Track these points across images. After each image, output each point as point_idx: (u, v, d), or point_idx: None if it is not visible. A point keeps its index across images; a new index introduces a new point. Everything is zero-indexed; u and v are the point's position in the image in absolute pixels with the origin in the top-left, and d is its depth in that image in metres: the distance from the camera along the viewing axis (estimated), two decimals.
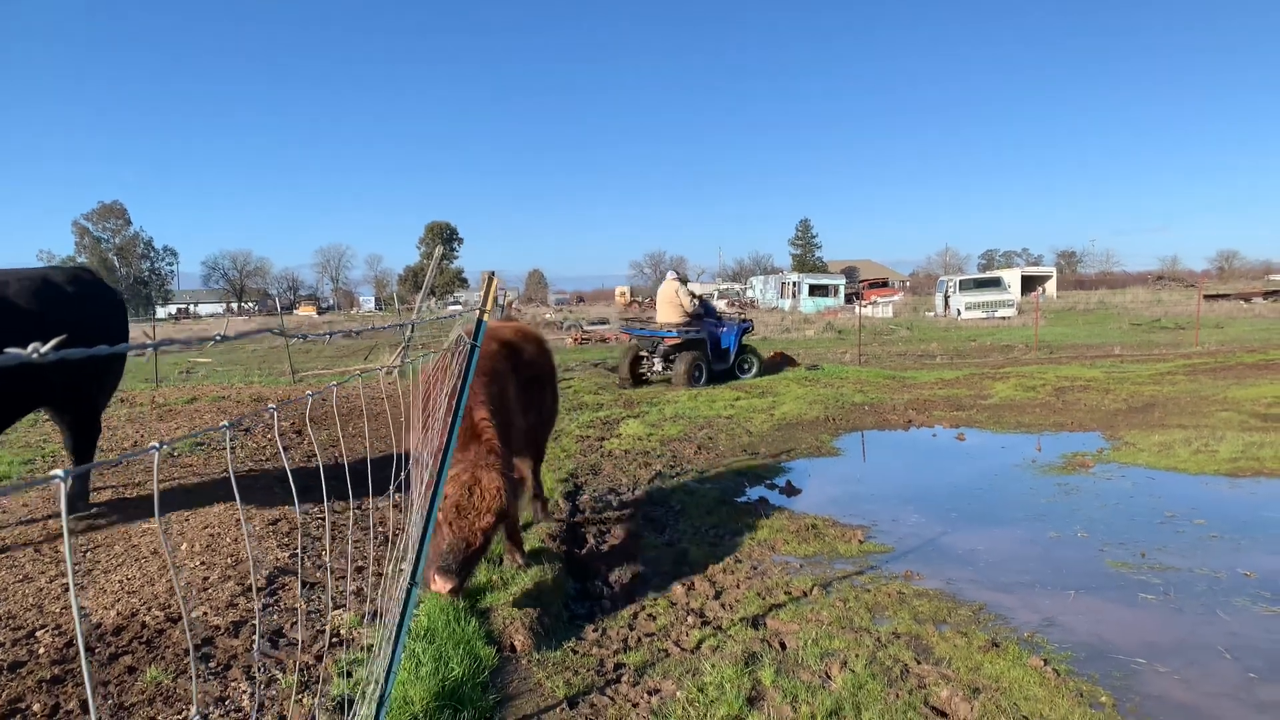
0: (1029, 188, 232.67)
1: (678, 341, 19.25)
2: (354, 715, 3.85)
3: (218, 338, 1.71)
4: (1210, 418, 12.57)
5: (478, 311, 3.95)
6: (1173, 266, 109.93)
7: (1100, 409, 14.12)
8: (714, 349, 19.60)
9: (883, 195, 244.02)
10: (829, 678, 4.57)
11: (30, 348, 1.07)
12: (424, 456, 4.40)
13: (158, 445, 1.37)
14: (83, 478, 8.25)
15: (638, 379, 19.83)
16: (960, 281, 53.05)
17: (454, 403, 3.96)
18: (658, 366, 19.54)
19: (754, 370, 20.17)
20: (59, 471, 1.03)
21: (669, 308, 19.34)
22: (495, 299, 5.58)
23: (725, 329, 20.04)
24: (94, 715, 1.44)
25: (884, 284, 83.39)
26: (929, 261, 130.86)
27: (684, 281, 19.94)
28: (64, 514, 1.08)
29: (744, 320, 21.11)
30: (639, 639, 5.18)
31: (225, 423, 1.69)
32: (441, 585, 4.63)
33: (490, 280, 4.06)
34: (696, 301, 19.53)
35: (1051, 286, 65.11)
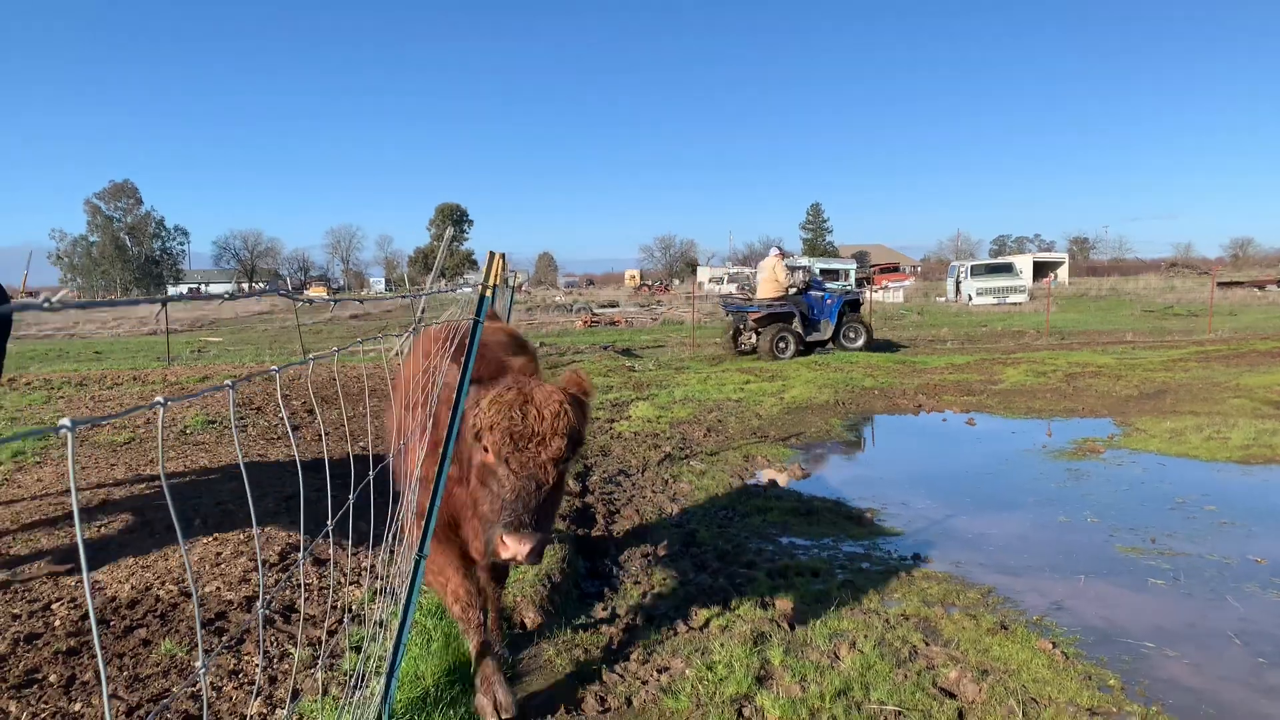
0: (1042, 174, 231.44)
1: (761, 315, 20.08)
2: (365, 689, 3.89)
3: (225, 295, 1.75)
4: (1222, 404, 12.51)
5: (479, 288, 3.95)
6: (1186, 253, 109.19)
7: (1112, 395, 14.07)
8: (806, 321, 19.99)
9: (895, 180, 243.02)
10: (837, 658, 4.59)
11: None
12: (416, 430, 3.85)
13: (162, 400, 1.38)
14: None
15: (739, 350, 21.12)
16: (972, 267, 52.78)
17: (464, 359, 3.64)
18: (754, 339, 20.51)
19: (860, 341, 20.45)
20: (66, 421, 1.04)
21: (767, 283, 20.18)
22: (503, 279, 5.58)
23: (827, 301, 20.35)
24: (106, 691, 1.46)
25: (895, 269, 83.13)
26: (940, 246, 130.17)
27: (784, 257, 20.47)
28: (70, 464, 1.09)
29: (848, 292, 21.45)
30: (648, 618, 5.20)
31: (229, 380, 1.70)
32: (516, 547, 3.16)
33: (493, 259, 4.05)
34: (795, 275, 20.18)
35: (1064, 273, 64.77)
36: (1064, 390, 14.74)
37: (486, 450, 3.34)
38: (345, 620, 4.86)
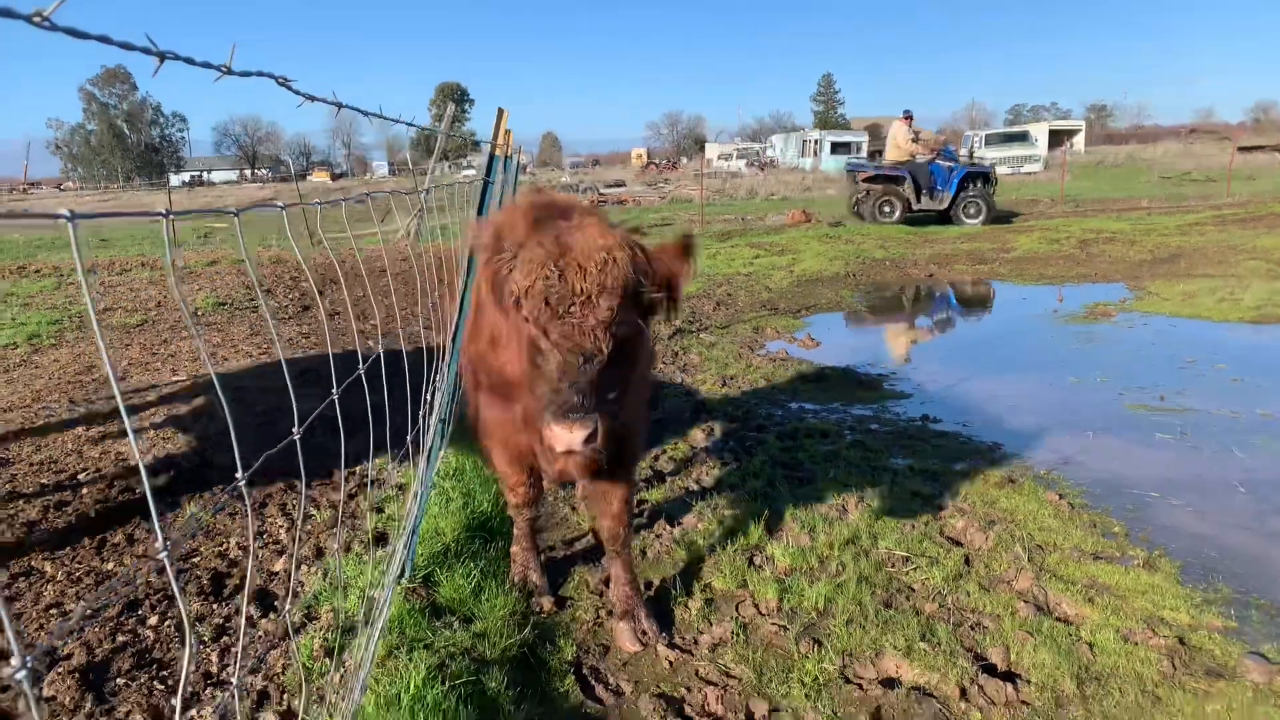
0: (1060, 40, 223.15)
1: (869, 175, 20.20)
2: (387, 546, 4.01)
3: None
4: (1237, 267, 12.38)
5: (488, 146, 3.88)
6: (1207, 119, 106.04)
7: (1125, 260, 13.93)
8: (919, 188, 19.75)
9: (909, 49, 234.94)
10: (846, 510, 4.68)
11: None
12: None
13: (164, 212, 1.35)
14: None
15: (856, 214, 21.15)
16: (986, 136, 51.53)
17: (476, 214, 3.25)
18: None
19: (981, 217, 19.89)
20: (65, 211, 1.02)
21: (892, 147, 19.99)
22: (509, 151, 5.46)
23: (950, 171, 19.90)
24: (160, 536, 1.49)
25: None
26: (954, 117, 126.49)
27: (909, 121, 20.06)
28: (76, 255, 1.07)
29: (974, 164, 20.70)
30: (661, 478, 5.30)
31: (233, 207, 1.67)
32: (565, 437, 2.49)
33: (501, 115, 3.96)
34: (917, 140, 19.84)
35: (1080, 141, 63.15)
36: (1077, 257, 14.59)
37: (528, 321, 2.67)
38: (370, 478, 4.97)
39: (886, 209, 20.00)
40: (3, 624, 0.77)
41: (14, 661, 0.75)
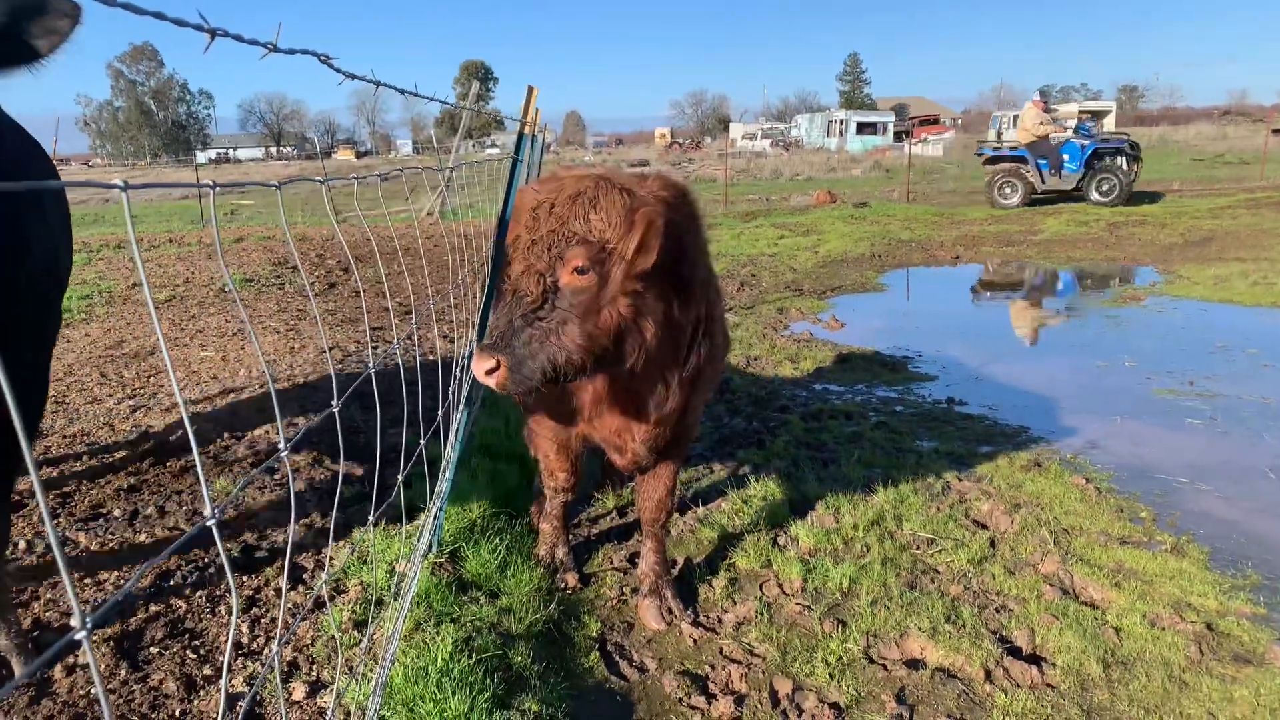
0: (1091, 18, 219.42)
1: (988, 158, 20.04)
2: (415, 521, 4.05)
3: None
4: (1270, 251, 12.19)
5: (517, 124, 3.87)
6: (1241, 101, 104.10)
7: (1155, 243, 13.75)
8: (1042, 167, 19.17)
9: (936, 28, 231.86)
10: (871, 491, 4.67)
11: None
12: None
13: (211, 184, 1.35)
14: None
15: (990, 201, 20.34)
16: (1014, 117, 50.83)
17: (504, 195, 3.30)
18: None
19: (1114, 195, 18.67)
20: (119, 181, 1.04)
21: (1021, 129, 19.61)
22: (537, 129, 5.45)
23: (1083, 148, 19.05)
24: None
25: (935, 121, 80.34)
26: (982, 98, 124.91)
27: (1041, 103, 19.57)
28: (129, 225, 1.09)
29: (1107, 139, 19.89)
30: (684, 457, 5.30)
31: (274, 182, 1.68)
32: (474, 366, 2.59)
33: (531, 93, 3.95)
34: (1047, 124, 19.04)
35: (1110, 122, 62.07)
36: (1106, 239, 14.42)
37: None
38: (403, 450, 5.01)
39: (1008, 190, 19.46)
40: (65, 587, 0.78)
41: (74, 621, 0.77)
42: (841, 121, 64.11)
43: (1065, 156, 18.95)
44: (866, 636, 3.37)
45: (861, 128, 63.01)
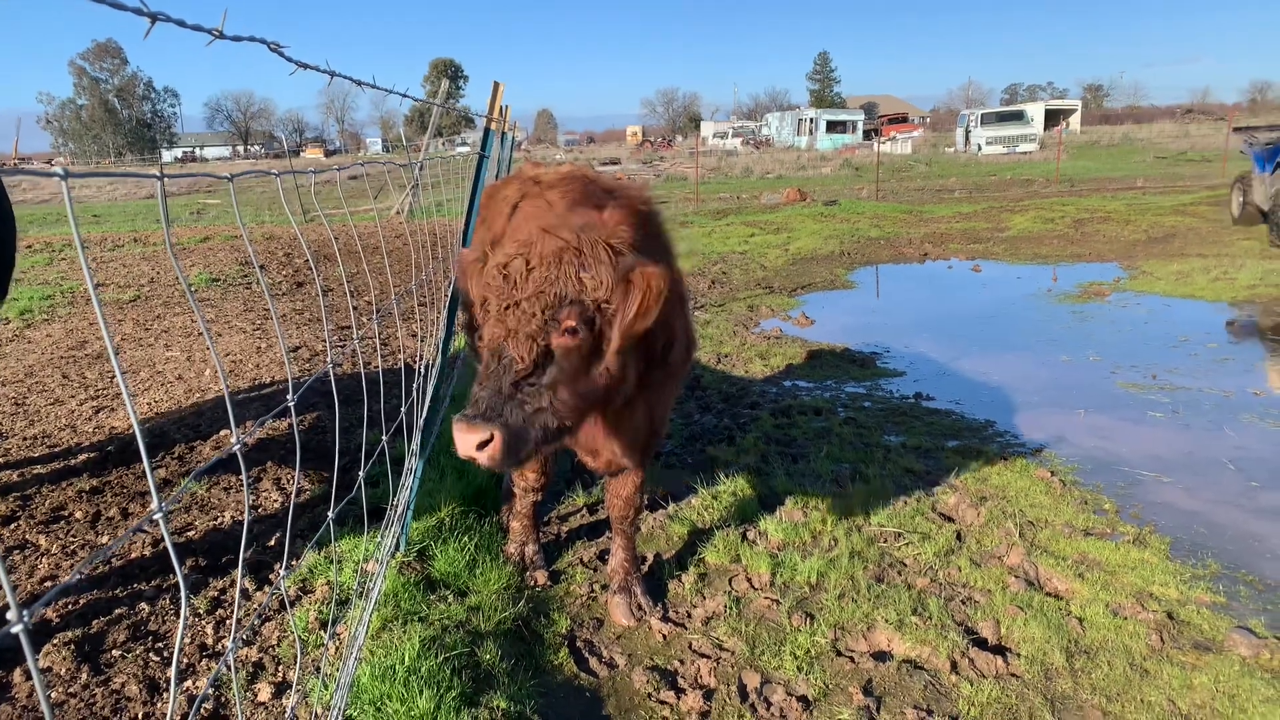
0: (1057, 19, 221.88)
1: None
2: (382, 521, 4.01)
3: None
4: (1231, 247, 12.40)
5: (484, 120, 3.86)
6: (1204, 99, 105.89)
7: (1119, 240, 13.94)
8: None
9: (905, 28, 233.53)
10: (839, 485, 4.71)
11: None
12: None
13: (157, 175, 1.33)
14: None
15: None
16: (982, 115, 51.35)
17: (469, 201, 3.47)
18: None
19: None
20: (59, 169, 1.02)
21: None
22: (505, 127, 5.43)
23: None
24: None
25: (904, 120, 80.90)
26: (950, 96, 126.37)
27: None
28: (70, 212, 1.07)
29: None
30: (655, 453, 5.31)
31: (228, 174, 1.66)
32: (457, 439, 2.41)
33: (497, 89, 3.94)
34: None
35: (1075, 121, 62.94)
36: (1071, 236, 14.59)
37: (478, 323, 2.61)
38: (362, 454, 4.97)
39: (1242, 198, 14.55)
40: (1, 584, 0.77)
41: (11, 615, 0.75)
42: (811, 120, 64.40)
43: None
44: (834, 629, 3.39)
45: (831, 126, 63.31)
